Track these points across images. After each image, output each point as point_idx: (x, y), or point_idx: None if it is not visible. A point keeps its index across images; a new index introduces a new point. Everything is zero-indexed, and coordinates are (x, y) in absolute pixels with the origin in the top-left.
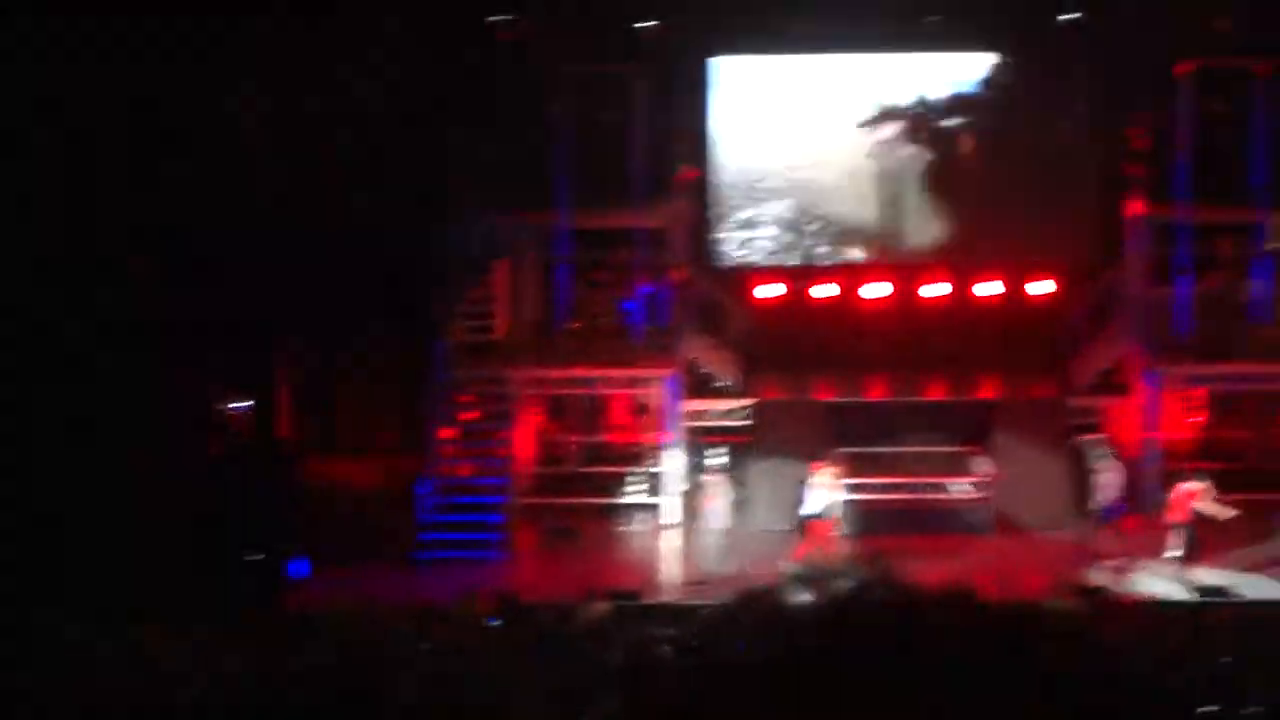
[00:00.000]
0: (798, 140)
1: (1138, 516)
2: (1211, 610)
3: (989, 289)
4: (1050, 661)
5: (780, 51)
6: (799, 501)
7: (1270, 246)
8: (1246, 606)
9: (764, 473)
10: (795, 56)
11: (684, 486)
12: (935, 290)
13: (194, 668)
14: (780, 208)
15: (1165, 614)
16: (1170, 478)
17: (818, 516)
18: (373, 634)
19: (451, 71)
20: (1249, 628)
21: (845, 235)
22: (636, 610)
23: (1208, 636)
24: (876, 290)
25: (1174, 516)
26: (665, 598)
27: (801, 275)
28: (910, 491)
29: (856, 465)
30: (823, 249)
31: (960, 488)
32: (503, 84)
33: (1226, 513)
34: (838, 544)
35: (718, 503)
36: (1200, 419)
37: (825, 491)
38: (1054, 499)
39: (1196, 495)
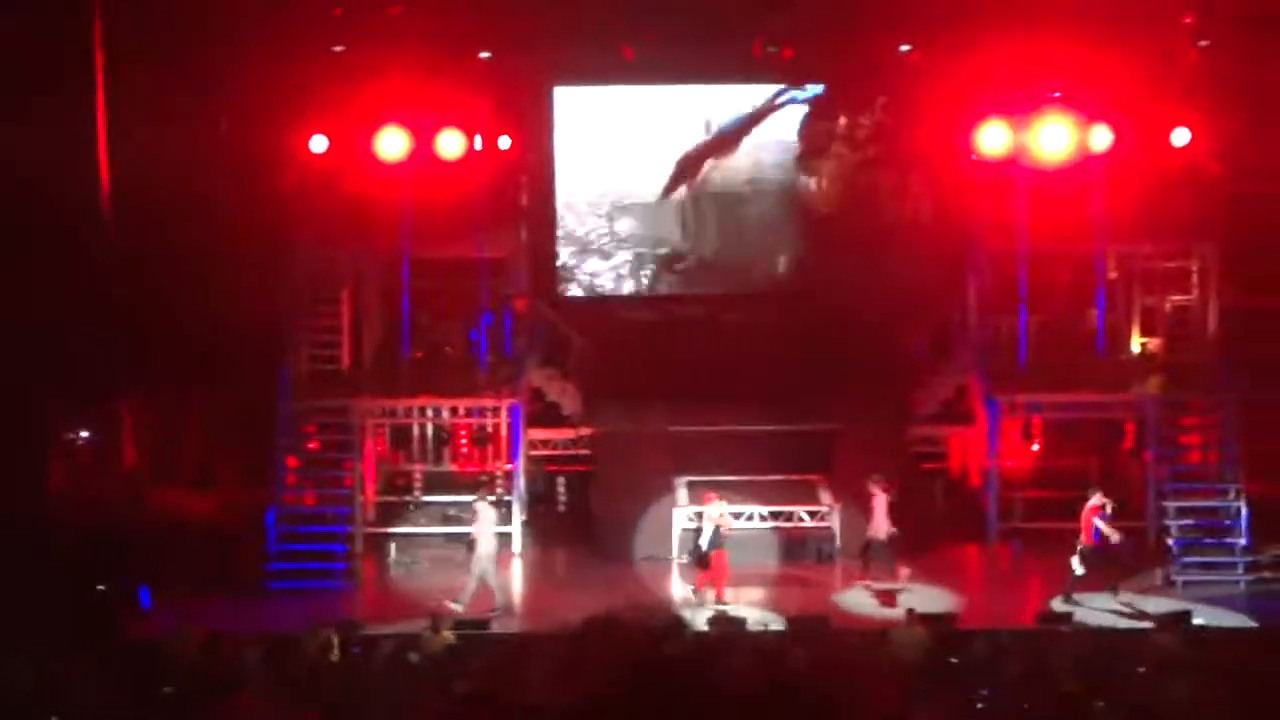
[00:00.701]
0: (638, 169)
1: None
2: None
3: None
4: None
5: (621, 82)
6: (658, 531)
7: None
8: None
9: (611, 501)
10: (635, 86)
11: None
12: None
13: (49, 697)
14: (622, 236)
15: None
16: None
17: (715, 548)
18: (221, 663)
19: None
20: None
21: (683, 262)
22: (482, 639)
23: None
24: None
25: (1084, 538)
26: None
27: (646, 303)
28: (756, 520)
29: (700, 495)
30: (665, 276)
31: (805, 515)
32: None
33: (1115, 535)
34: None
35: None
36: (1038, 447)
37: (714, 523)
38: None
39: (1097, 511)
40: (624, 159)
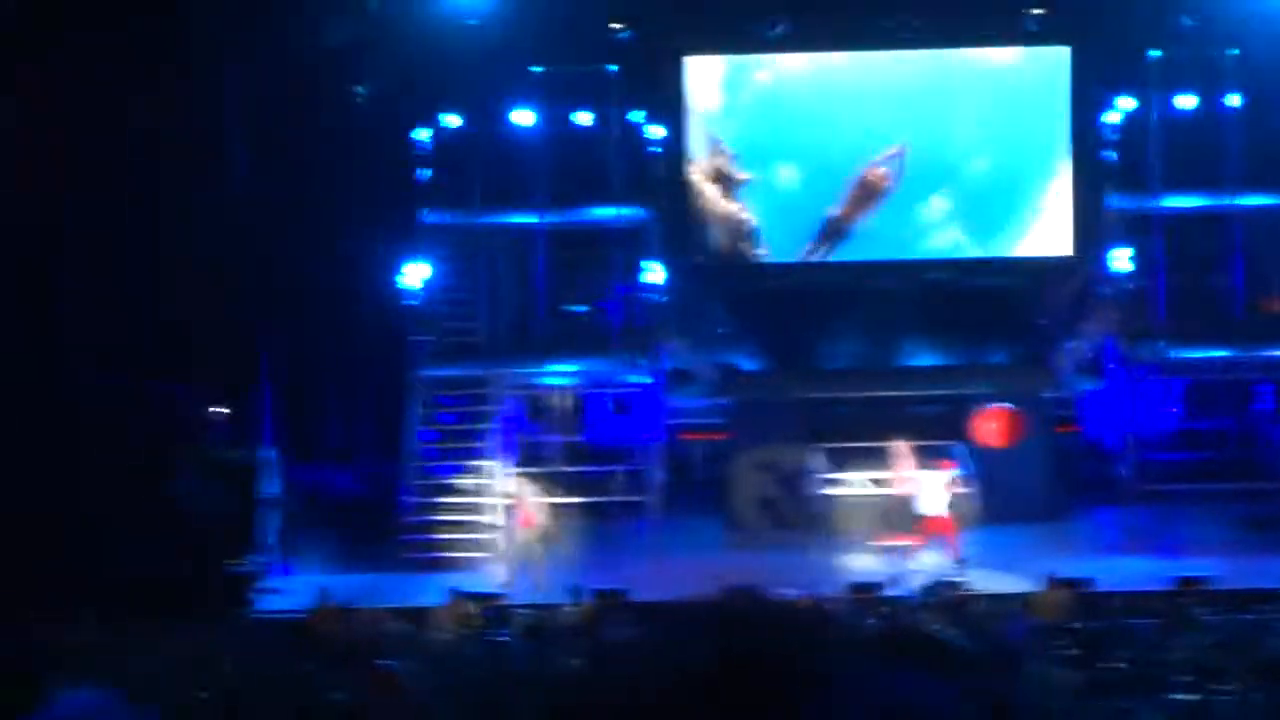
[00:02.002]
0: (774, 137)
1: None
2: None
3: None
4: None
5: (753, 50)
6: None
7: None
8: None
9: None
10: (768, 55)
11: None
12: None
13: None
14: (757, 204)
15: None
16: None
17: (939, 514)
18: (360, 638)
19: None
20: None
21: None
22: (621, 609)
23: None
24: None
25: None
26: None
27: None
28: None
29: (839, 462)
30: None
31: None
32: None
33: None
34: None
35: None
36: (1176, 409)
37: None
38: (1034, 488)
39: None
40: (760, 127)
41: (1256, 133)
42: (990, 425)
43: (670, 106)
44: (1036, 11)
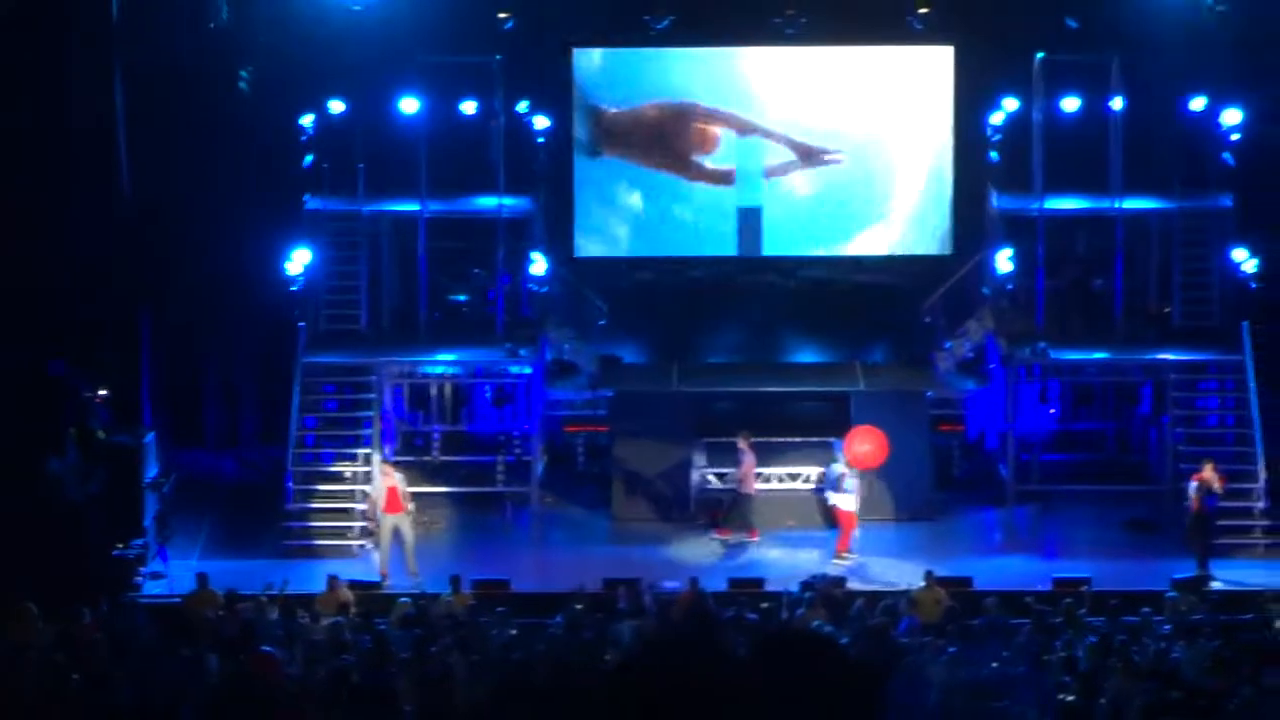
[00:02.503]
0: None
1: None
2: None
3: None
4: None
5: (639, 43)
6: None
7: None
8: None
9: (628, 463)
10: (656, 49)
11: None
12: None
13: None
14: (639, 198)
15: None
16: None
17: (843, 506)
18: (239, 624)
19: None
20: None
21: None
22: (498, 600)
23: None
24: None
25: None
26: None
27: (664, 264)
28: (774, 481)
29: (717, 456)
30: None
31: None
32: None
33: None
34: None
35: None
36: (1054, 410)
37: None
38: (914, 487)
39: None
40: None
41: (1138, 136)
42: (862, 448)
43: (556, 98)
44: (921, 11)
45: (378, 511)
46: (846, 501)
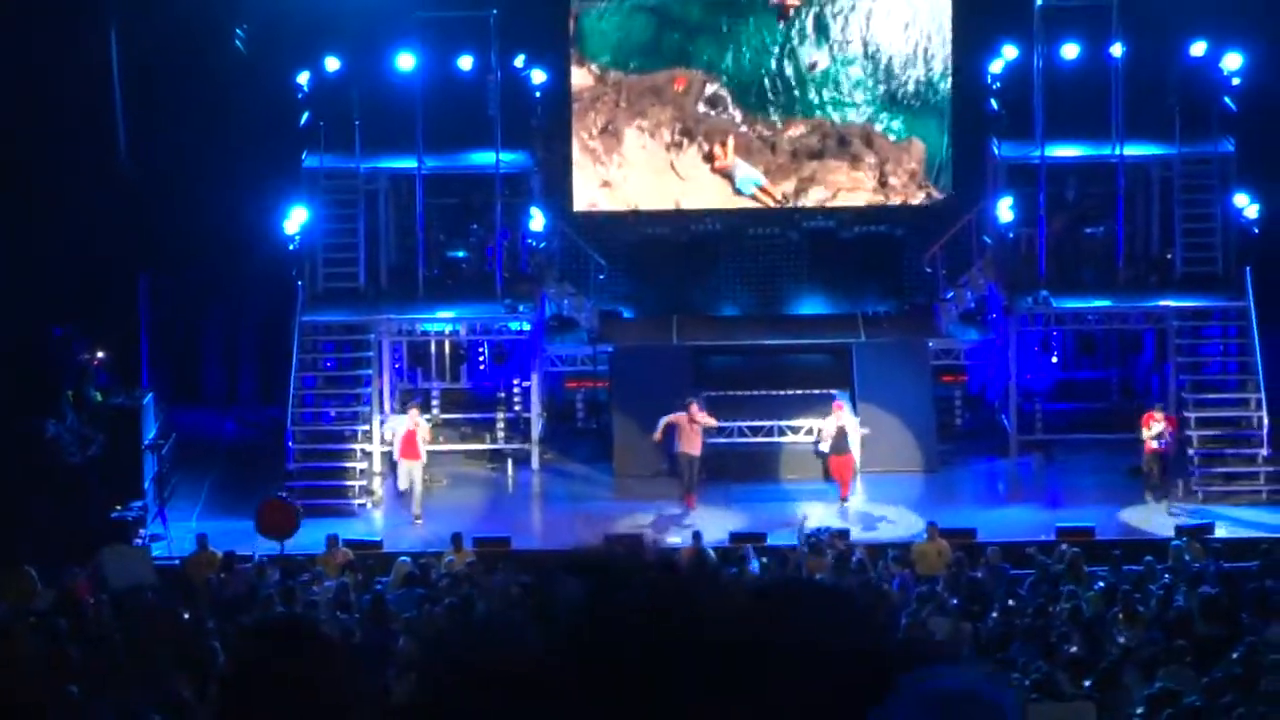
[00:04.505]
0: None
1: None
2: None
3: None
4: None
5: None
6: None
7: None
8: None
9: (628, 418)
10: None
11: None
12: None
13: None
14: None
15: None
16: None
17: (839, 451)
18: (240, 586)
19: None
20: None
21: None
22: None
23: None
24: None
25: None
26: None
27: (664, 217)
28: (775, 434)
29: (720, 410)
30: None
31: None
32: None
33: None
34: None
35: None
36: (1057, 359)
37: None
38: (916, 438)
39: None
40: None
41: (1139, 83)
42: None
43: (554, 52)
44: None
45: (395, 454)
46: (838, 447)
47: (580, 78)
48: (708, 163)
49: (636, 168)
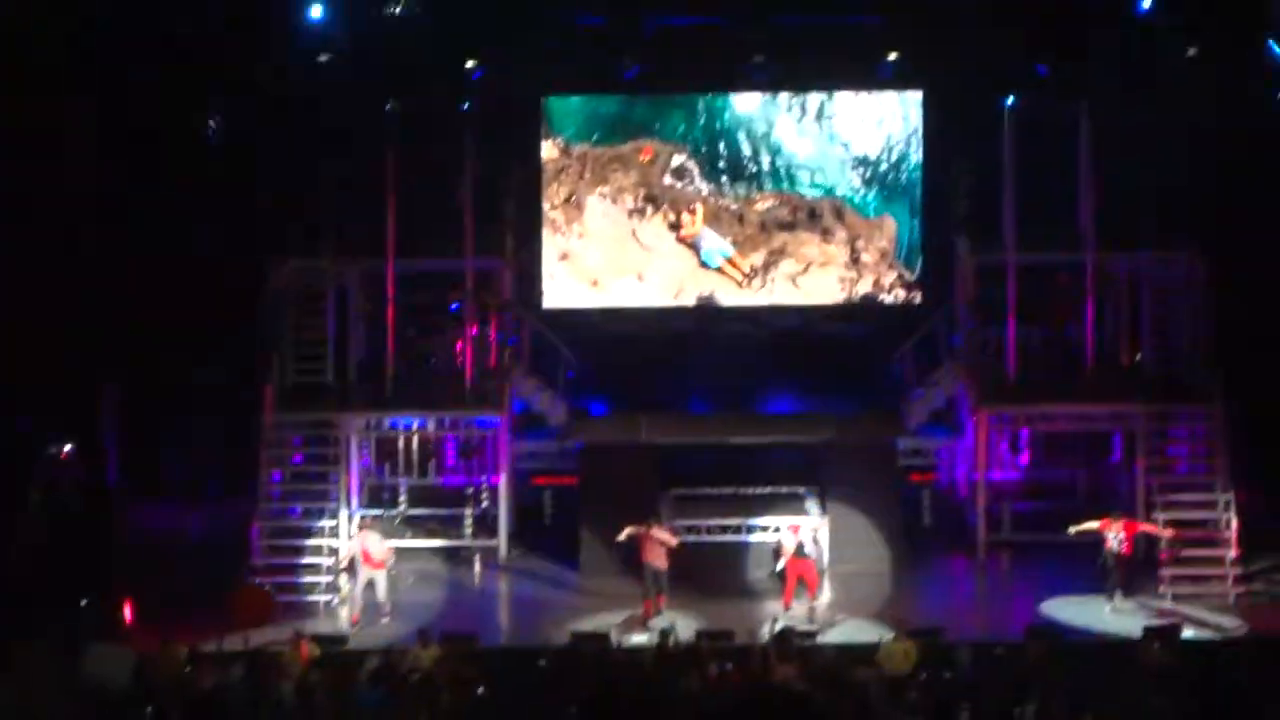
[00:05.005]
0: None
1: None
2: None
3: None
4: None
5: (610, 90)
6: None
7: None
8: None
9: (597, 515)
10: (625, 96)
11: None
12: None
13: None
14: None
15: None
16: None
17: (801, 555)
18: (204, 680)
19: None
20: None
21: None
22: (469, 655)
23: None
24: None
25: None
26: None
27: (631, 315)
28: (743, 532)
29: (688, 508)
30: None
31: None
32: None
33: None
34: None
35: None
36: (1026, 459)
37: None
38: (885, 537)
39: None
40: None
41: (1108, 184)
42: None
43: (526, 147)
44: (891, 57)
45: (357, 563)
46: (800, 551)
47: (545, 150)
48: (673, 231)
49: (597, 238)
